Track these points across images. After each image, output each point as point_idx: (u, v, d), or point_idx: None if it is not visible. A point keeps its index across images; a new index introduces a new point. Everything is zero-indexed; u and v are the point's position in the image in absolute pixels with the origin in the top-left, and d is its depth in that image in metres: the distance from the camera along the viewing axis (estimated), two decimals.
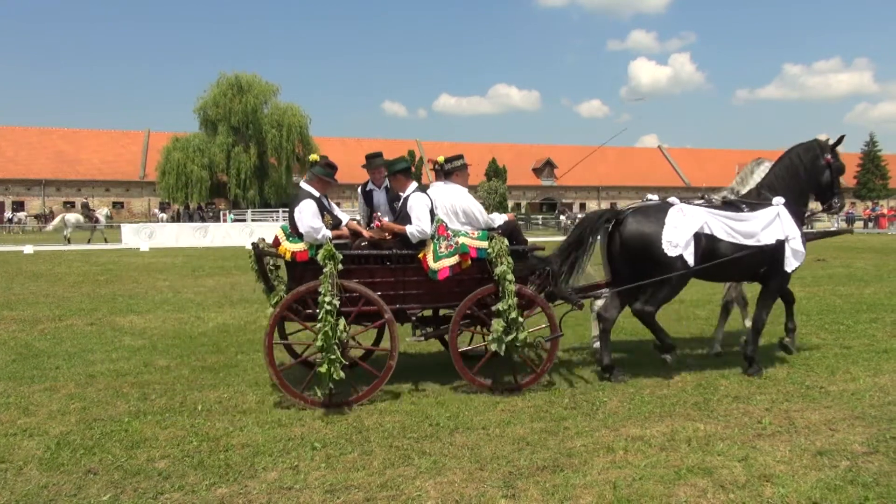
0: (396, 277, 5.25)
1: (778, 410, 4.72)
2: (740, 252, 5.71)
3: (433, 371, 5.90)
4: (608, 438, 4.18)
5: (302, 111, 47.27)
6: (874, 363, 6.07)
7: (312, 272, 4.99)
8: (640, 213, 5.78)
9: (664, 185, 68.66)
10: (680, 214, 5.66)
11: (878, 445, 4.01)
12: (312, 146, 47.93)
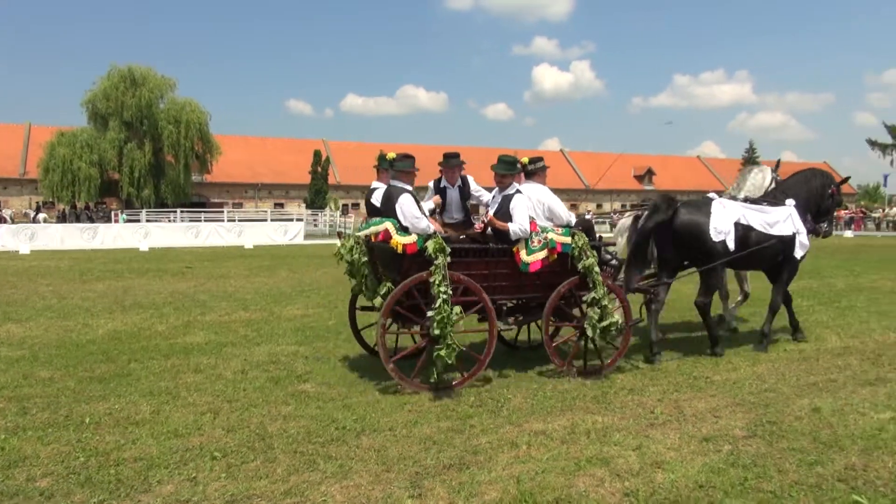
0: (490, 270, 5.57)
1: (669, 401, 5.00)
2: (767, 241, 6.64)
3: (341, 374, 5.83)
4: (512, 434, 4.28)
5: (201, 107, 45.15)
6: (753, 354, 6.55)
7: (418, 264, 5.22)
8: (690, 206, 6.64)
9: (566, 188, 71.17)
10: (721, 207, 6.58)
11: (756, 430, 4.34)
12: (212, 144, 46.07)
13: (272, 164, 61.27)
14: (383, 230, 5.32)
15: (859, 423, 4.45)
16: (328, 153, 58.86)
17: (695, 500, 3.33)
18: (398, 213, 5.37)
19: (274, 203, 57.59)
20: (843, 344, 6.98)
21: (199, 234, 28.60)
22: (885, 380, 5.53)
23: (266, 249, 25.12)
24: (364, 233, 5.63)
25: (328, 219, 44.88)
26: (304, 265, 17.52)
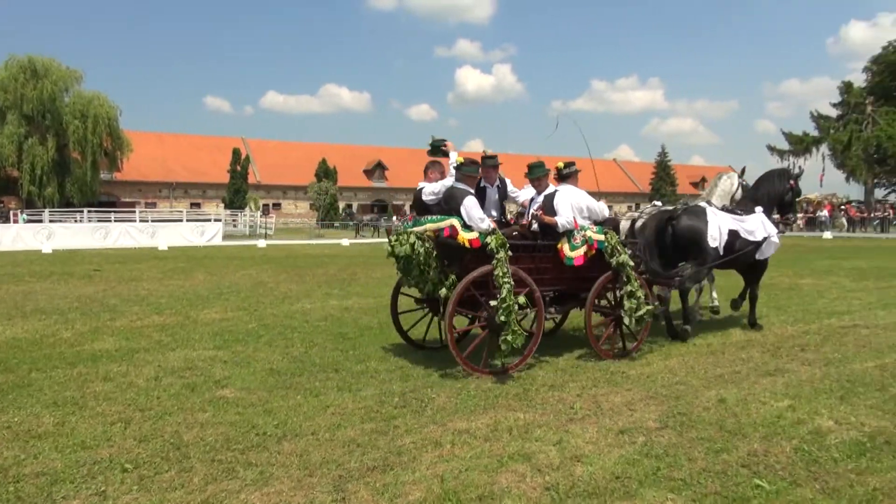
0: (536, 263, 6.13)
1: (587, 396, 5.16)
2: (749, 247, 7.62)
3: (261, 379, 5.69)
4: (436, 434, 4.31)
5: (111, 102, 42.80)
6: (666, 348, 6.85)
7: (478, 259, 5.75)
8: (689, 213, 7.48)
9: None
10: (714, 215, 7.45)
11: (667, 421, 4.54)
12: (123, 140, 43.79)
13: (188, 162, 59.01)
14: (449, 226, 5.80)
15: (760, 411, 4.74)
16: (248, 151, 57.23)
17: (611, 490, 3.46)
18: (463, 213, 5.84)
19: (190, 203, 55.45)
20: (746, 337, 7.41)
21: (108, 235, 27.19)
22: (783, 370, 5.91)
23: (182, 251, 24.16)
24: (428, 228, 6.00)
25: (248, 219, 43.64)
26: (222, 267, 16.98)
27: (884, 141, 44.97)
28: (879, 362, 6.17)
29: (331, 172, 53.51)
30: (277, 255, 22.01)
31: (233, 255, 21.68)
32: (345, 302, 10.41)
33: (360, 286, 12.72)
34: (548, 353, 6.56)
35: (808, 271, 15.03)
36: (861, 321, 8.35)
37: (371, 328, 8.06)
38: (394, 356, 6.51)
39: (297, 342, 7.22)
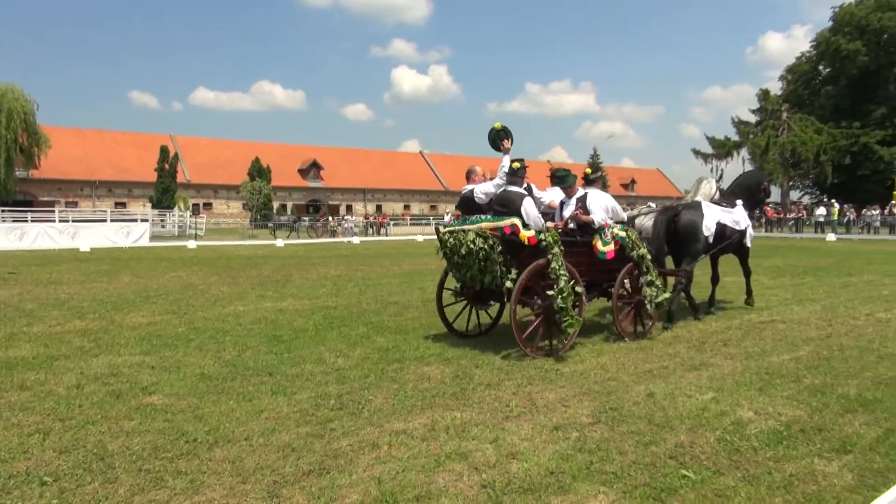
0: (574, 258, 6.74)
1: (523, 393, 5.24)
2: (735, 235, 9.06)
3: (191, 384, 5.51)
4: (373, 435, 4.28)
5: (26, 95, 40.43)
6: (598, 346, 7.04)
7: (533, 254, 6.45)
8: (689, 209, 8.75)
9: (426, 189, 72.32)
10: (708, 210, 8.70)
11: (600, 416, 4.67)
12: (40, 136, 41.39)
13: (113, 159, 56.57)
14: (510, 225, 6.43)
15: (687, 404, 4.93)
16: (176, 149, 55.32)
17: (546, 486, 3.52)
18: (523, 213, 6.53)
19: (115, 202, 53.24)
20: (673, 334, 7.69)
21: (24, 236, 25.75)
22: (707, 364, 6.17)
23: (106, 252, 23.13)
24: (484, 226, 6.62)
25: (177, 219, 42.13)
26: (149, 269, 16.36)
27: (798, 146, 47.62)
28: (795, 355, 6.53)
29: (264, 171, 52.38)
30: (208, 257, 21.38)
31: (161, 257, 20.92)
32: (279, 304, 10.22)
33: (295, 288, 12.50)
34: (486, 352, 6.63)
35: (731, 269, 15.72)
36: (778, 316, 8.82)
37: (306, 330, 7.94)
38: (330, 358, 6.44)
39: (230, 346, 7.03)
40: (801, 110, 54.80)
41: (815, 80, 60.52)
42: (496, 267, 6.55)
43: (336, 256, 22.11)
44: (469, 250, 6.66)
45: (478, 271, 6.78)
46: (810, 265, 16.47)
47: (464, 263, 6.88)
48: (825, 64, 59.13)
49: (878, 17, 53.56)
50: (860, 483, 3.55)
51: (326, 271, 16.11)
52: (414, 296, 11.15)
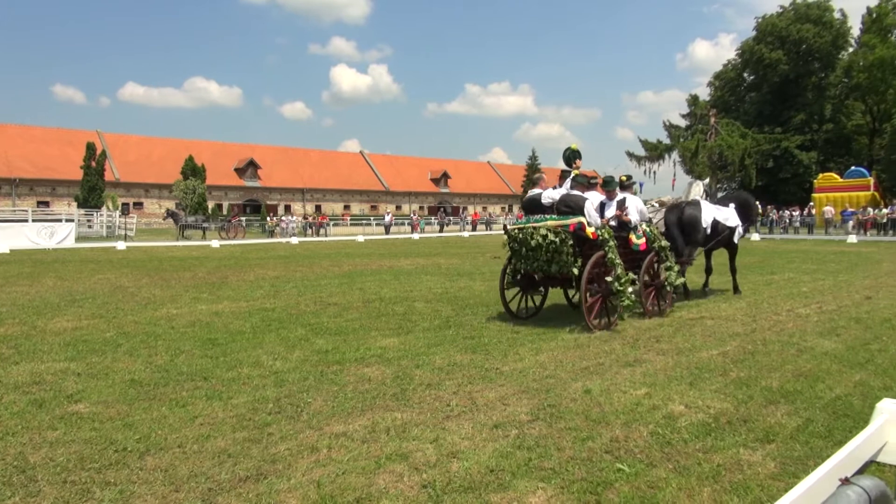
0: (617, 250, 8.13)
1: (463, 393, 5.28)
2: (726, 231, 10.90)
3: (121, 391, 5.30)
4: (312, 438, 4.22)
5: None
6: (536, 344, 7.15)
7: (593, 247, 7.88)
8: (690, 206, 10.63)
9: (366, 189, 71.81)
10: (706, 207, 10.67)
11: (538, 413, 4.75)
12: None
13: (34, 156, 53.74)
14: (577, 223, 7.78)
15: (622, 400, 5.07)
16: (104, 146, 53.10)
17: (486, 484, 3.56)
18: (586, 213, 7.91)
19: (37, 201, 50.64)
20: (609, 331, 7.89)
21: None
22: (641, 360, 6.37)
23: (27, 254, 21.97)
24: (549, 224, 7.92)
25: (105, 220, 40.39)
26: (75, 272, 15.63)
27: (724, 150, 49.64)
28: (722, 350, 6.82)
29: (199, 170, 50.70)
30: (139, 258, 20.60)
31: (88, 259, 20.02)
32: (214, 306, 9.94)
33: (232, 290, 12.20)
34: (427, 353, 6.64)
35: None
36: (707, 313, 9.18)
37: (243, 333, 7.76)
38: (268, 361, 6.31)
39: (162, 350, 6.80)
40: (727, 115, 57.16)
41: (740, 87, 63.30)
42: (564, 257, 7.86)
43: (274, 257, 21.69)
44: (538, 244, 7.94)
45: (545, 262, 8.09)
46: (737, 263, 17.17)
47: (532, 255, 8.16)
48: (749, 71, 61.92)
49: (798, 29, 56.51)
50: (782, 471, 3.74)
51: (264, 272, 15.78)
52: (354, 296, 11.06)
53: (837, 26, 57.40)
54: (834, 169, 51.49)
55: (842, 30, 57.77)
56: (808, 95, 57.76)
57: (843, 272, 14.97)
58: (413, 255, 22.64)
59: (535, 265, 8.23)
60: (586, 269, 7.66)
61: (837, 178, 44.94)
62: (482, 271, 15.84)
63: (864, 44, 56.49)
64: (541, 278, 8.62)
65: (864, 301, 10.32)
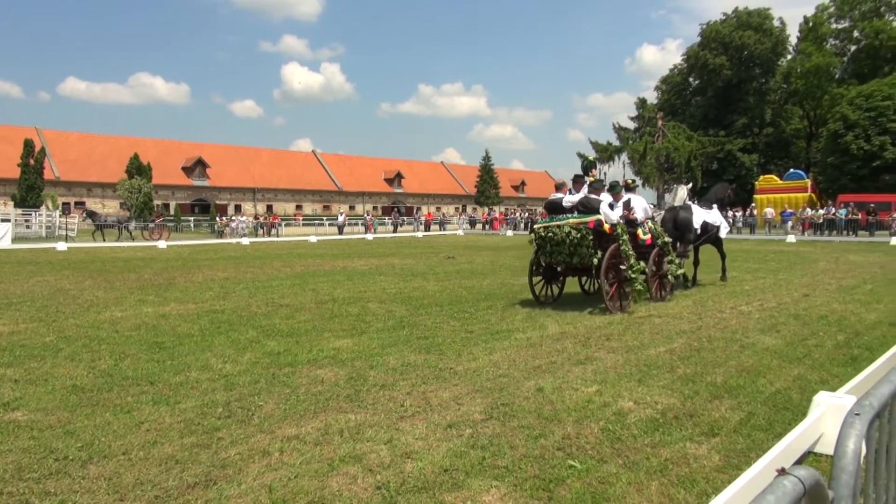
0: None
1: (417, 393, 5.28)
2: (713, 229, 12.79)
3: (62, 397, 5.10)
4: (264, 442, 4.16)
5: None
6: (490, 344, 7.21)
7: (607, 240, 9.28)
8: (684, 210, 12.44)
9: (319, 189, 71.03)
10: (697, 210, 12.49)
11: (492, 412, 4.78)
12: None
13: None
14: (595, 220, 9.29)
15: (573, 397, 5.16)
16: (43, 143, 51.04)
17: (440, 483, 3.57)
18: (602, 212, 9.36)
19: None
20: (560, 330, 8.02)
21: None
22: (592, 358, 6.49)
23: None
24: (570, 222, 9.48)
25: (44, 219, 38.80)
26: (12, 273, 14.98)
27: (671, 152, 51.06)
28: (669, 347, 7.00)
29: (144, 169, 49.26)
30: (81, 259, 19.86)
31: (26, 260, 19.21)
32: (161, 309, 9.68)
33: (179, 291, 11.89)
34: (381, 353, 6.62)
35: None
36: (655, 311, 9.41)
37: (191, 336, 7.57)
38: (217, 364, 6.18)
39: (106, 355, 6.58)
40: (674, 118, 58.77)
41: (686, 91, 65.13)
42: (584, 250, 9.37)
43: (224, 258, 21.24)
44: (562, 239, 9.49)
45: (567, 254, 9.59)
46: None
47: (556, 249, 9.68)
48: (694, 76, 63.77)
49: (740, 35, 58.46)
50: (726, 463, 3.86)
51: (213, 273, 15.44)
52: (307, 297, 10.93)
53: (777, 34, 59.64)
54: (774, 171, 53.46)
55: (781, 37, 60.05)
56: (750, 100, 59.83)
57: (782, 271, 15.57)
58: (367, 255, 22.51)
59: (559, 257, 9.75)
60: (605, 259, 9.08)
61: (777, 179, 46.66)
62: (436, 271, 15.86)
63: (802, 51, 58.91)
64: (562, 269, 10.17)
65: (801, 298, 10.76)
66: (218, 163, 64.54)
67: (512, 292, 11.58)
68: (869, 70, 53.33)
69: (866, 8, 56.80)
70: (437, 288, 12.31)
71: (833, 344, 7.14)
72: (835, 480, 1.24)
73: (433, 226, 52.70)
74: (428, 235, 42.41)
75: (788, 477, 1.02)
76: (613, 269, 9.35)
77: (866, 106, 44.91)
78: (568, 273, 10.38)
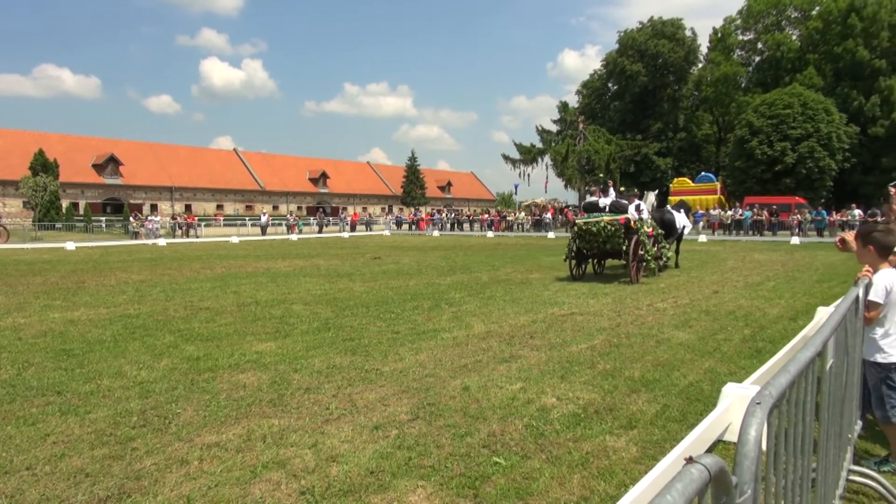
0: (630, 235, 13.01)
1: (343, 395, 5.22)
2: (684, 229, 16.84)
3: None
4: (182, 451, 4.01)
5: None
6: (416, 344, 7.22)
7: (631, 232, 12.79)
8: (668, 212, 16.27)
9: (240, 188, 69.05)
10: (676, 214, 16.19)
11: (418, 412, 4.79)
12: None
13: None
14: (626, 218, 12.74)
15: (498, 395, 5.24)
16: None
17: (366, 486, 3.55)
18: (630, 212, 12.98)
19: None
20: (486, 329, 8.12)
21: None
22: (517, 356, 6.61)
23: None
24: (604, 219, 12.84)
25: None
26: None
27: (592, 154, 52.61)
28: (590, 344, 7.22)
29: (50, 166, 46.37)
30: None
31: None
32: (69, 314, 9.16)
33: (90, 295, 11.28)
34: (305, 356, 6.50)
35: (536, 267, 17.00)
36: (577, 309, 9.69)
37: (103, 342, 7.21)
38: (131, 371, 5.91)
39: (7, 364, 6.17)
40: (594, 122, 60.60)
41: (605, 96, 67.30)
42: (616, 239, 12.85)
43: (138, 260, 20.31)
44: (598, 231, 12.90)
45: (601, 242, 13.06)
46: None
47: (593, 238, 13.09)
48: (613, 82, 65.96)
49: (655, 44, 60.95)
50: (643, 454, 4.02)
51: (127, 276, 14.74)
52: (228, 300, 10.61)
53: (689, 43, 62.53)
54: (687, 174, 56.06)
55: (692, 46, 63.00)
56: (665, 106, 62.48)
57: (694, 269, 16.35)
58: (291, 256, 22.07)
59: (595, 245, 13.23)
60: (632, 246, 12.77)
61: (690, 182, 48.95)
62: (362, 272, 15.74)
63: (711, 61, 62.01)
64: (593, 254, 13.78)
65: (712, 295, 11.34)
66: (132, 160, 61.63)
67: (439, 292, 11.63)
68: (771, 80, 56.72)
69: (769, 21, 60.42)
70: (364, 289, 12.22)
71: (740, 338, 7.57)
72: (738, 466, 1.32)
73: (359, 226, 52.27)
74: (354, 236, 42.01)
75: (695, 465, 1.08)
76: (634, 253, 12.93)
77: (769, 113, 47.76)
78: (598, 257, 14.00)
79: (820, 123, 45.94)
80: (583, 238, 13.24)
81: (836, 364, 2.70)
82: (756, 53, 61.73)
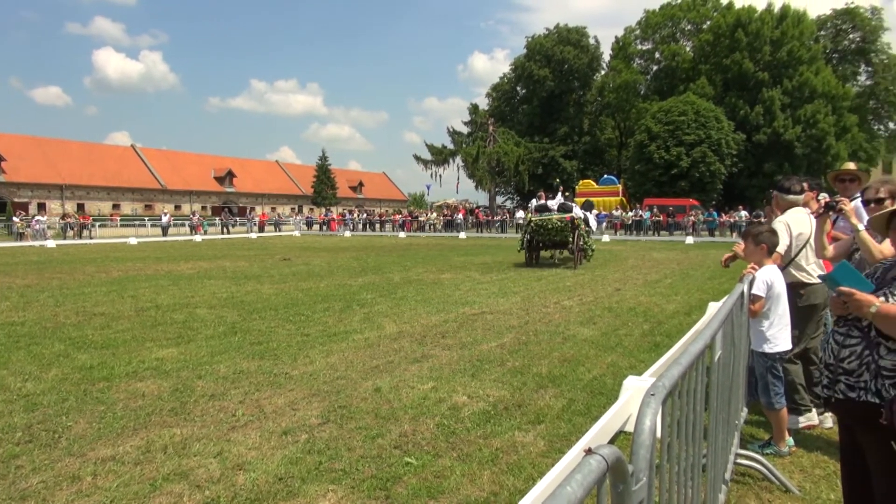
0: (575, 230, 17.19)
1: (250, 401, 5.07)
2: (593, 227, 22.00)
3: None
4: (73, 467, 3.76)
5: None
6: (327, 346, 7.11)
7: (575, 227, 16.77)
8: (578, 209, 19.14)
9: (139, 187, 65.58)
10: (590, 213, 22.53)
11: (329, 416, 4.73)
12: None
13: None
14: (572, 216, 16.55)
15: (410, 395, 5.25)
16: None
17: (275, 493, 3.46)
18: (575, 212, 17.11)
19: None
20: (398, 329, 8.12)
21: None
22: (428, 356, 6.65)
23: None
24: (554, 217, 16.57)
25: None
26: None
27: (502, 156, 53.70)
28: (500, 342, 7.37)
29: None
30: None
31: None
32: None
33: None
34: (210, 362, 6.26)
35: (448, 267, 17.16)
36: (487, 308, 9.86)
37: None
38: (15, 383, 5.48)
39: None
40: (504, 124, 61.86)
41: (514, 99, 68.89)
42: (564, 233, 16.38)
43: (24, 263, 18.87)
44: (552, 226, 16.37)
45: (553, 235, 16.57)
46: (513, 261, 18.70)
47: (546, 233, 16.51)
48: (521, 85, 67.64)
49: (561, 50, 63.01)
50: (550, 448, 4.15)
51: (11, 281, 13.67)
52: (125, 305, 10.05)
53: (592, 50, 65.08)
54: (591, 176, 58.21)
55: (596, 54, 65.62)
56: (570, 110, 64.69)
57: (598, 268, 17.03)
58: (195, 258, 21.17)
59: (547, 237, 16.79)
60: (575, 238, 16.42)
61: (594, 184, 50.87)
62: (271, 274, 15.34)
63: (613, 68, 64.79)
64: (544, 245, 17.33)
65: (614, 292, 11.85)
66: (16, 156, 57.13)
67: (350, 293, 11.52)
68: (668, 88, 59.93)
69: (665, 33, 63.80)
70: (272, 291, 11.91)
71: (640, 333, 7.95)
72: (634, 455, 1.39)
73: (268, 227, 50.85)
74: (262, 237, 40.84)
75: (594, 456, 1.13)
76: (576, 243, 16.54)
77: (666, 120, 50.49)
78: (548, 247, 17.66)
79: (711, 130, 49.08)
80: (537, 232, 16.70)
81: (724, 355, 2.89)
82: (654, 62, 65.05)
